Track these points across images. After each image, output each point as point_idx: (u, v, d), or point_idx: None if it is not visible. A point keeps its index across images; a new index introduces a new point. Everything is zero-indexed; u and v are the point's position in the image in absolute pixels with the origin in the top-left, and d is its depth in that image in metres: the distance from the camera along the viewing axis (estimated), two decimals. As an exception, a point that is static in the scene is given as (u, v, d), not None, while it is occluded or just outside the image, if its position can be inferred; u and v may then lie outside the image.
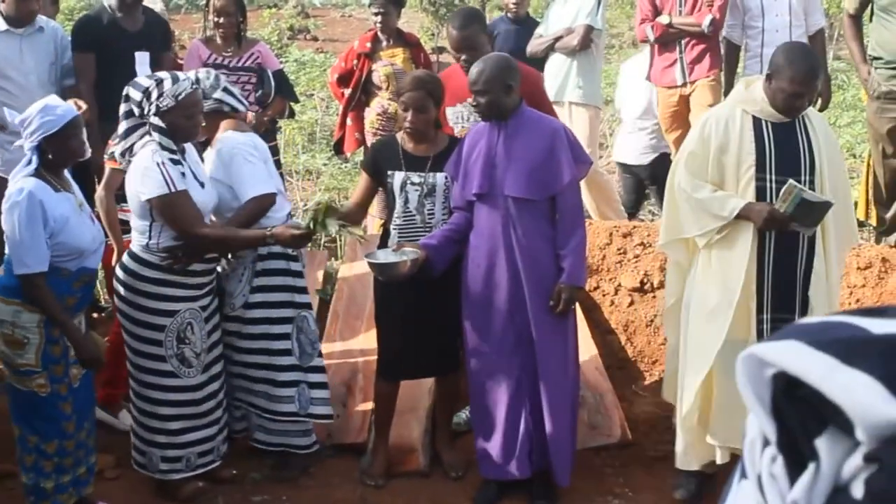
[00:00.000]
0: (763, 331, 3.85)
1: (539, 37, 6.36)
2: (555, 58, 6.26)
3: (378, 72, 6.00)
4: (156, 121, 3.85)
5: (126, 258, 4.04)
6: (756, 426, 0.79)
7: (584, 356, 4.64)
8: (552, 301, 3.97)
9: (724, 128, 3.85)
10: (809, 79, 3.75)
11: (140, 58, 5.14)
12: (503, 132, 3.99)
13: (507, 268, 4.00)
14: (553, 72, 6.21)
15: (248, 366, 4.31)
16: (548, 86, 5.71)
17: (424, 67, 5.84)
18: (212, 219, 4.17)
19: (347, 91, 6.10)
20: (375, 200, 5.23)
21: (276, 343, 4.28)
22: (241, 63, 5.58)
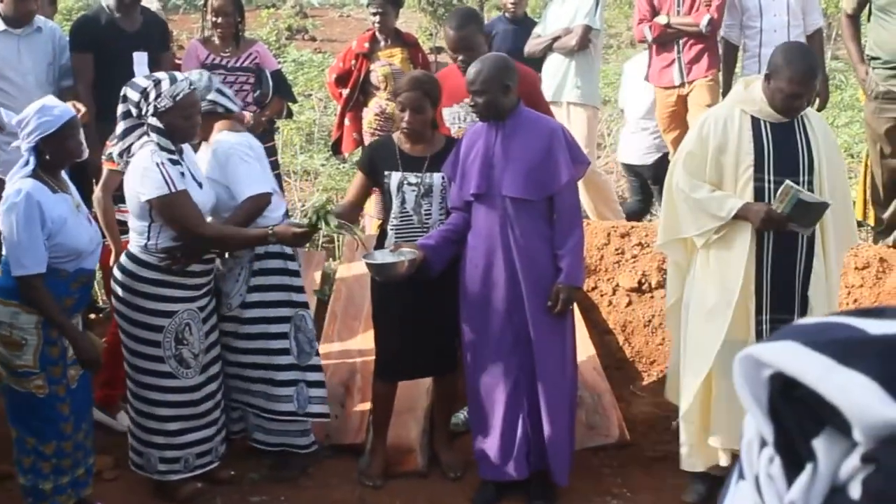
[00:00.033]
0: (762, 331, 3.84)
1: (537, 37, 6.35)
2: (553, 58, 6.25)
3: (376, 72, 5.99)
4: (154, 121, 3.84)
5: (124, 259, 4.03)
6: (753, 427, 0.79)
7: (582, 356, 4.64)
8: (550, 301, 3.97)
9: (723, 128, 3.85)
10: (808, 79, 3.75)
11: (138, 58, 5.13)
12: (501, 132, 3.99)
13: (505, 268, 4.00)
14: (551, 72, 6.20)
15: (246, 366, 4.31)
16: (546, 86, 5.71)
17: (423, 67, 5.84)
18: (209, 219, 4.16)
19: (345, 91, 6.09)
20: (373, 201, 5.23)
21: (274, 342, 4.28)
22: (239, 63, 5.58)
